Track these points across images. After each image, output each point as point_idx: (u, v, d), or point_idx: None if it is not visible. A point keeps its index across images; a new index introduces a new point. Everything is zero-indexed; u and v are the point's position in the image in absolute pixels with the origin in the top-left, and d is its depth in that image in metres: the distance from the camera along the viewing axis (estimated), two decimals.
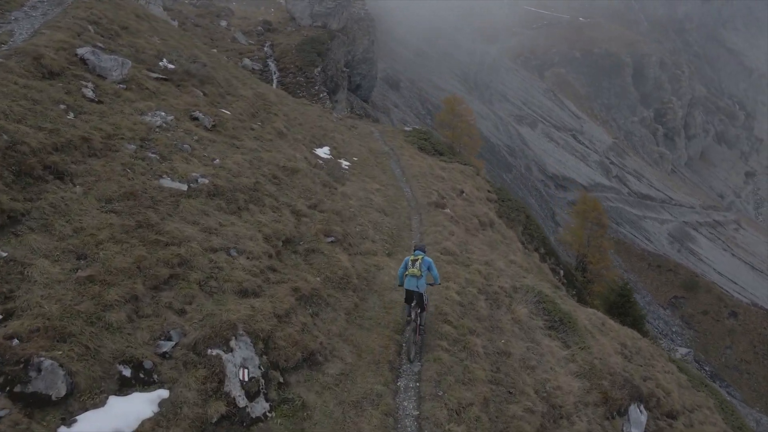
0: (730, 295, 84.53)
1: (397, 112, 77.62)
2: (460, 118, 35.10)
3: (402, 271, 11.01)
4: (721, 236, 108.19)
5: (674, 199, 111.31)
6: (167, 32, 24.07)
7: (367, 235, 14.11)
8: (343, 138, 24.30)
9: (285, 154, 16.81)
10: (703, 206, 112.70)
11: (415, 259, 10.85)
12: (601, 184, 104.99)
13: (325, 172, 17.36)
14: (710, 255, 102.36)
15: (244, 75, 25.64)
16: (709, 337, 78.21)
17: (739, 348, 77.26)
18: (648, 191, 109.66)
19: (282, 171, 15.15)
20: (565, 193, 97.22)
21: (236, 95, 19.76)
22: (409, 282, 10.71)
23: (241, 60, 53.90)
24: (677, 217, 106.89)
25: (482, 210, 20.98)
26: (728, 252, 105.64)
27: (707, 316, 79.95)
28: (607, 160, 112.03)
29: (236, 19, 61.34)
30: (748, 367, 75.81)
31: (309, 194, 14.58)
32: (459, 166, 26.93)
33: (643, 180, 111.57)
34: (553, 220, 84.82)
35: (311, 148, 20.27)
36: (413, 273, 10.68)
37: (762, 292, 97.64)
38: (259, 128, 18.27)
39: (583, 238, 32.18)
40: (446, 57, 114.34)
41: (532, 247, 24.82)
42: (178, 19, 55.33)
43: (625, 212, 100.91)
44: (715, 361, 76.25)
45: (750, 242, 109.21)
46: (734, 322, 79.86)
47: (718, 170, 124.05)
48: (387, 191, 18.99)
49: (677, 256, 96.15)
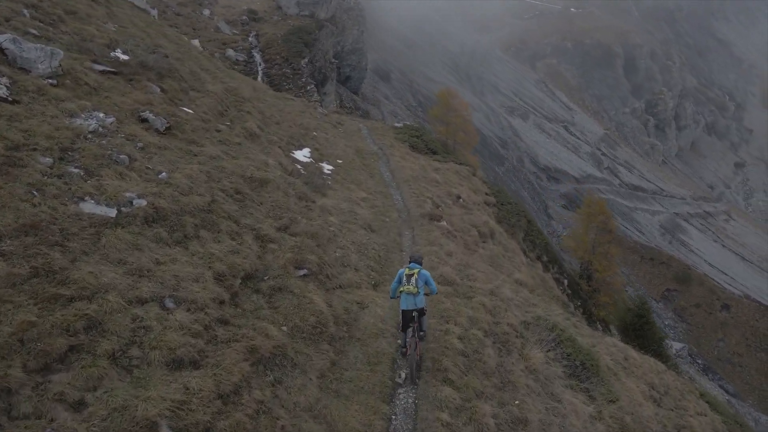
0: (722, 287, 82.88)
1: (388, 104, 74.78)
2: (454, 112, 32.27)
3: (395, 286, 9.72)
4: (712, 227, 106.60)
5: (665, 191, 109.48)
6: (129, 19, 21.23)
7: (348, 262, 11.52)
8: (326, 137, 21.61)
9: (255, 160, 14.15)
10: (694, 197, 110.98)
11: (411, 274, 9.46)
12: (592, 176, 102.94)
13: (302, 180, 14.71)
14: (701, 246, 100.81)
15: (217, 67, 22.84)
16: (701, 330, 76.61)
17: (731, 341, 75.72)
18: (639, 182, 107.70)
19: (248, 183, 12.50)
20: (558, 186, 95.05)
21: (202, 91, 17.02)
22: (406, 301, 9.34)
23: (224, 50, 50.88)
24: (668, 208, 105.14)
25: (481, 218, 18.46)
26: (719, 243, 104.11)
27: (700, 309, 78.30)
28: (599, 152, 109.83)
29: (220, 8, 58.12)
30: (741, 360, 74.32)
31: (280, 212, 11.95)
32: (454, 165, 24.34)
33: (634, 171, 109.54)
34: (545, 213, 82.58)
35: (288, 151, 17.60)
36: (409, 290, 9.34)
37: (752, 283, 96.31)
38: (227, 129, 15.58)
39: (588, 244, 29.56)
40: (437, 48, 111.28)
41: (534, 255, 22.37)
42: (159, 8, 52.06)
43: (617, 204, 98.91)
44: (707, 354, 74.68)
45: (740, 233, 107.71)
46: (727, 314, 78.26)
47: (708, 161, 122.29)
48: (375, 200, 16.41)
49: (669, 248, 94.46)
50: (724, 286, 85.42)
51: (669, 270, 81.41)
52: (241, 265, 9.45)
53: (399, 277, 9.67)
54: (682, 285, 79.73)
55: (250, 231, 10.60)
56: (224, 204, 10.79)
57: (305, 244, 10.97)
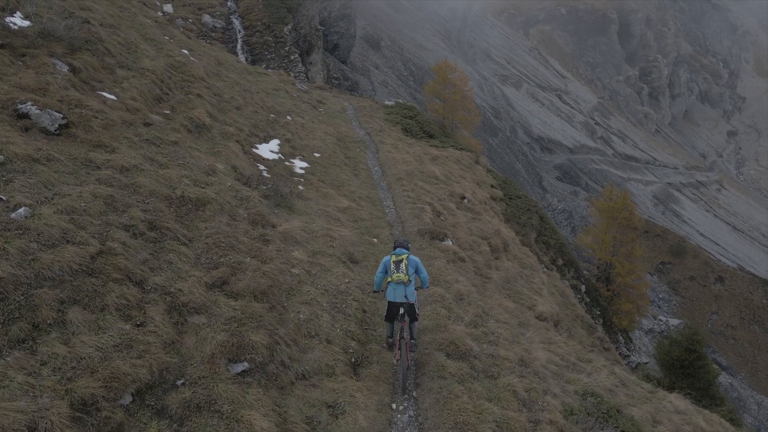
0: (716, 260, 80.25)
1: (378, 74, 69.83)
2: (453, 88, 27.76)
3: (381, 276, 8.12)
4: (704, 197, 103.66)
5: (658, 160, 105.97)
6: None
7: (317, 329, 7.68)
8: (303, 122, 17.46)
9: (194, 167, 10.13)
10: (687, 167, 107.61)
11: (399, 260, 7.88)
12: (586, 146, 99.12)
13: (261, 192, 10.71)
14: (693, 216, 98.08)
15: (172, 36, 18.44)
16: (695, 303, 74.21)
17: (725, 313, 73.47)
18: (632, 152, 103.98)
19: (174, 208, 8.52)
20: (551, 156, 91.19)
21: (134, 68, 12.80)
22: (396, 291, 7.78)
23: (200, 16, 45.86)
24: (661, 178, 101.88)
25: (491, 225, 14.66)
26: (711, 213, 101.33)
27: (694, 281, 75.73)
28: (592, 121, 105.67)
29: None
30: (734, 333, 72.24)
31: (218, 254, 8.02)
32: (454, 152, 20.33)
33: (627, 141, 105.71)
34: (540, 186, 78.89)
35: (250, 146, 13.50)
36: (399, 279, 7.78)
37: (744, 253, 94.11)
38: (162, 122, 11.46)
39: (609, 243, 25.51)
40: (428, 14, 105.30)
41: (549, 258, 18.71)
42: None
43: (611, 174, 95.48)
44: (701, 327, 72.36)
45: (732, 203, 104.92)
46: (721, 287, 75.82)
47: (700, 129, 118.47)
48: (359, 210, 12.49)
49: (661, 219, 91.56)
50: (718, 257, 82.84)
51: (664, 243, 78.51)
52: (133, 373, 5.57)
53: (384, 265, 8.06)
54: (677, 258, 77.00)
55: (161, 298, 6.69)
56: (122, 254, 6.84)
57: (250, 311, 7.08)
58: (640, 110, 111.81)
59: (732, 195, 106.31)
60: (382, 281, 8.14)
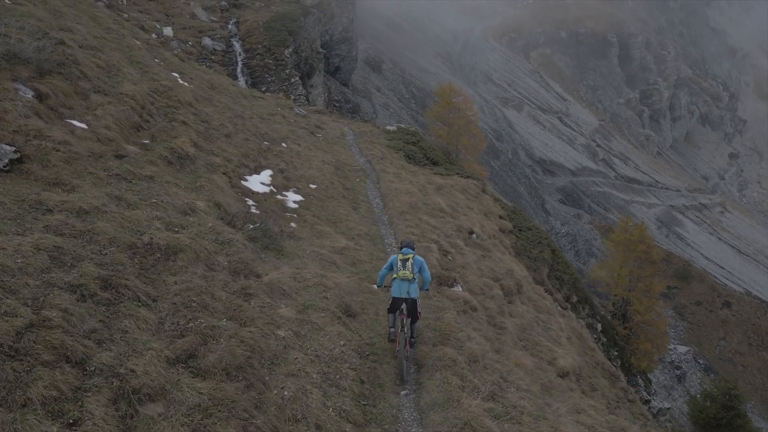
0: (723, 284, 78.47)
1: (380, 96, 69.10)
2: (457, 113, 26.54)
3: (385, 273, 8.69)
4: (707, 220, 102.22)
5: (660, 183, 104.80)
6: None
7: (305, 412, 6.26)
8: (299, 149, 16.20)
9: (170, 206, 8.81)
10: (689, 189, 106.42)
11: (405, 259, 8.40)
12: (588, 168, 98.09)
13: (245, 235, 9.36)
14: (697, 239, 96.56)
15: (158, 58, 17.32)
16: (702, 328, 72.24)
17: (733, 339, 71.41)
18: (635, 174, 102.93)
19: (138, 258, 7.18)
20: (553, 179, 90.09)
21: (112, 94, 11.58)
22: (400, 287, 8.21)
23: (200, 39, 45.14)
24: (664, 200, 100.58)
25: (503, 263, 13.31)
26: (714, 236, 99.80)
27: (701, 306, 73.87)
28: (594, 143, 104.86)
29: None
30: (743, 360, 70.12)
31: (187, 316, 6.65)
32: (459, 180, 19.04)
33: (629, 163, 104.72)
34: (543, 209, 77.57)
35: (239, 178, 12.20)
36: (405, 276, 8.24)
37: (749, 277, 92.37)
38: (138, 153, 10.18)
39: (625, 278, 23.93)
40: (430, 36, 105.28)
41: (562, 295, 17.28)
42: None
43: (613, 197, 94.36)
44: (708, 353, 70.36)
45: (735, 225, 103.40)
46: (728, 312, 73.90)
47: (702, 152, 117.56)
48: (358, 251, 11.13)
49: (665, 242, 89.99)
50: (724, 281, 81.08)
51: (669, 267, 76.77)
52: None
53: (391, 263, 8.57)
54: (682, 282, 75.23)
55: (106, 383, 5.29)
56: (61, 325, 5.46)
57: (220, 395, 5.67)
58: (642, 132, 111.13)
59: (735, 218, 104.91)
60: (384, 278, 8.72)
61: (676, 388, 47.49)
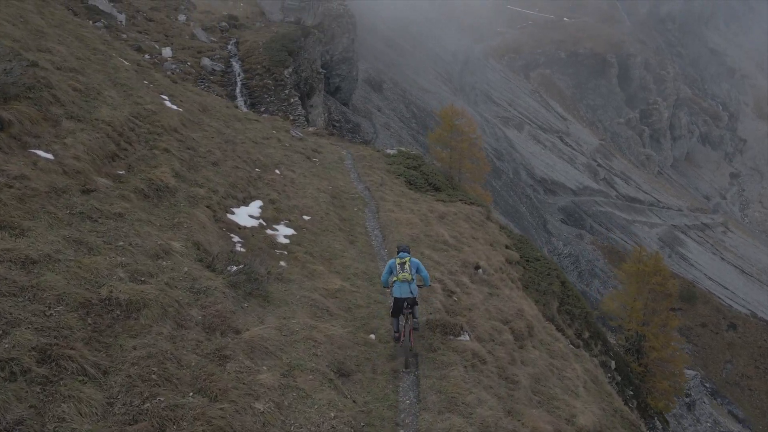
0: (728, 305, 76.93)
1: (381, 117, 68.40)
2: (460, 135, 25.44)
3: (386, 277, 9.29)
4: (710, 239, 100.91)
5: (662, 202, 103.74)
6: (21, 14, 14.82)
7: None
8: (293, 176, 15.14)
9: (137, 250, 7.70)
10: (691, 209, 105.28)
11: (403, 262, 9.04)
12: (589, 188, 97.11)
13: (226, 280, 8.25)
14: (700, 260, 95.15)
15: (147, 79, 16.37)
16: (708, 351, 70.54)
17: (739, 362, 69.67)
18: (636, 194, 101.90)
19: (92, 318, 6.05)
20: (555, 198, 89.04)
21: (87, 120, 10.56)
22: (401, 288, 8.84)
23: (199, 59, 44.54)
24: (666, 220, 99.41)
25: (512, 302, 12.16)
26: (717, 256, 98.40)
27: (706, 328, 72.25)
28: (595, 163, 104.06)
29: (198, 14, 51.65)
30: (750, 383, 68.31)
31: (142, 395, 5.49)
32: (463, 207, 17.98)
33: (630, 182, 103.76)
34: (545, 230, 76.37)
35: (225, 211, 11.12)
36: (405, 278, 8.89)
37: (754, 297, 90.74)
38: (110, 187, 9.11)
39: (639, 312, 22.57)
40: (430, 56, 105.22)
41: (574, 331, 16.08)
42: (127, 12, 45.68)
43: (615, 217, 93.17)
44: (715, 376, 68.56)
45: (738, 245, 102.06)
46: (734, 334, 72.25)
47: (703, 171, 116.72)
48: (354, 294, 9.98)
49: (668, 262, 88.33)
50: (728, 303, 79.56)
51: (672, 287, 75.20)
52: None
53: (390, 267, 9.23)
54: (687, 303, 73.65)
55: None
56: None
57: None
58: (642, 152, 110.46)
59: (738, 237, 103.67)
60: (387, 280, 9.25)
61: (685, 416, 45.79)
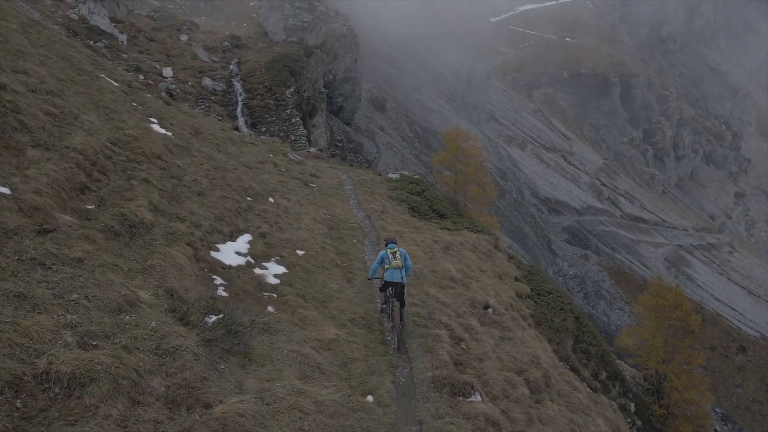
0: (737, 327, 75.05)
1: (383, 136, 67.60)
2: (466, 159, 24.18)
3: (376, 267, 10.51)
4: (716, 260, 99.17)
5: (667, 222, 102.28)
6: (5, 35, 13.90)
7: None
8: (288, 205, 14.03)
9: (93, 304, 6.52)
10: (696, 228, 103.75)
11: (393, 252, 10.26)
12: (593, 207, 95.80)
13: (200, 336, 7.08)
14: (707, 280, 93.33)
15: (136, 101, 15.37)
16: (718, 375, 68.46)
17: (750, 386, 67.64)
18: (641, 213, 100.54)
19: (22, 400, 4.89)
20: (559, 218, 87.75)
21: (56, 148, 9.49)
22: (393, 274, 10.06)
23: (200, 79, 43.85)
24: (671, 240, 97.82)
25: (526, 347, 10.91)
26: (724, 276, 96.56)
27: (715, 351, 70.28)
28: (598, 182, 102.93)
29: (200, 34, 51.15)
30: (761, 408, 66.20)
31: None
32: (469, 236, 16.80)
33: (635, 202, 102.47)
34: (549, 250, 74.97)
35: (208, 247, 9.97)
36: (396, 265, 10.10)
37: (761, 318, 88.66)
38: (73, 225, 7.98)
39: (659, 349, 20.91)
40: (433, 76, 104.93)
41: (590, 371, 14.78)
42: (129, 33, 45.14)
43: (620, 236, 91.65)
44: (725, 401, 66.49)
45: (745, 265, 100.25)
46: (744, 358, 70.31)
47: (707, 191, 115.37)
48: (350, 346, 8.71)
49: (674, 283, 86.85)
50: (737, 324, 77.65)
51: None
52: None
53: (381, 258, 10.26)
54: None
55: None
56: None
57: None
58: (646, 171, 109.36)
59: (744, 257, 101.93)
60: (375, 271, 10.38)
61: None
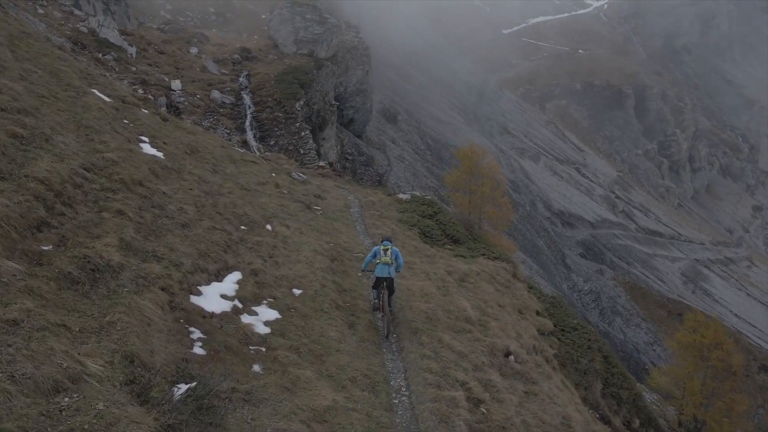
0: (757, 345, 72.18)
1: (395, 149, 66.28)
2: (482, 178, 22.53)
3: (370, 259, 11.37)
4: (734, 274, 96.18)
5: (683, 235, 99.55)
6: None
7: None
8: (287, 233, 12.64)
9: (23, 384, 5.14)
10: (713, 242, 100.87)
11: (386, 249, 11.06)
12: (608, 221, 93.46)
13: (158, 422, 5.70)
14: (725, 295, 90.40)
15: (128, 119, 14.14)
16: None
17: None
18: (656, 227, 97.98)
19: None
20: (573, 231, 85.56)
21: (15, 176, 8.20)
22: (382, 269, 10.85)
23: (209, 92, 42.92)
24: (688, 254, 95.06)
25: (555, 405, 9.38)
26: (743, 291, 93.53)
27: None
28: (613, 195, 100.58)
29: (210, 47, 50.38)
30: None
31: None
32: (486, 264, 15.28)
33: (650, 215, 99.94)
34: (564, 265, 72.86)
35: (189, 291, 8.57)
36: (386, 261, 10.88)
37: None
38: (20, 273, 6.63)
39: (696, 391, 18.88)
40: (445, 88, 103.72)
41: (621, 419, 13.14)
42: (139, 45, 44.45)
43: (635, 250, 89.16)
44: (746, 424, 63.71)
45: (764, 280, 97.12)
46: (766, 377, 67.40)
47: (724, 204, 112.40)
48: (350, 416, 7.10)
49: (692, 298, 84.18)
50: (758, 342, 74.74)
51: None
52: None
53: (374, 252, 11.23)
54: None
55: None
56: None
57: None
58: (661, 184, 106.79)
59: (763, 272, 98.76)
60: (369, 262, 11.41)
61: None
